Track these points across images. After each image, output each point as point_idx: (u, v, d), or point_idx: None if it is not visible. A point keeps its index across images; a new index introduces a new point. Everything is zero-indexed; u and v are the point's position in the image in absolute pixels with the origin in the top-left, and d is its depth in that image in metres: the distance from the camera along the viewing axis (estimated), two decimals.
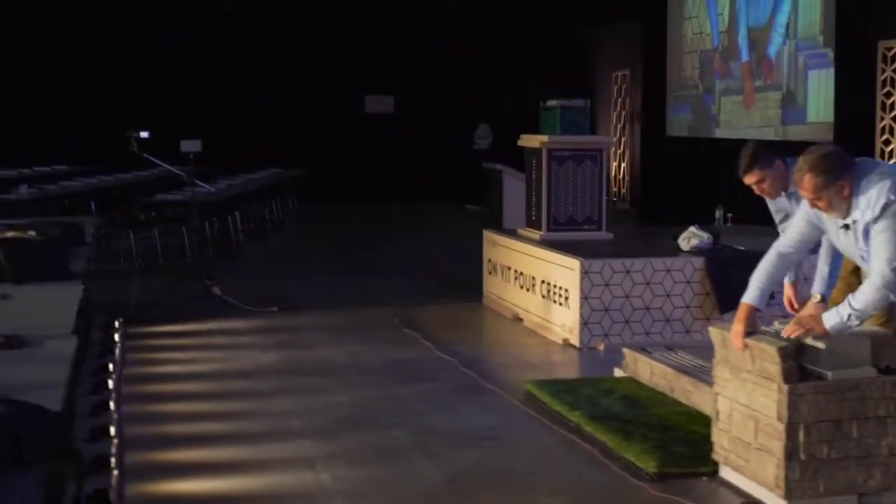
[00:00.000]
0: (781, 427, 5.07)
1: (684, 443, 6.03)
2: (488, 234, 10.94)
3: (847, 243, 5.21)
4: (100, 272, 10.27)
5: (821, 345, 5.08)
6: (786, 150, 6.07)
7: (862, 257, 5.18)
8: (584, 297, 8.72)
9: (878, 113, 12.46)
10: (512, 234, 10.54)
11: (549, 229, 9.98)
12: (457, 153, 20.94)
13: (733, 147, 15.56)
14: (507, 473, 5.88)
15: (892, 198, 4.93)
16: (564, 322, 8.99)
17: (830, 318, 5.06)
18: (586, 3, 19.67)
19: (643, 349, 7.64)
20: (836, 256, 5.75)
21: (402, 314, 10.13)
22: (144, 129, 10.41)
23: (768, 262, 5.49)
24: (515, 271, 10.04)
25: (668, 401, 6.84)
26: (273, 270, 12.91)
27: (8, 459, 3.08)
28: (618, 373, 7.65)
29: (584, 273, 8.71)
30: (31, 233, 7.92)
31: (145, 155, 10.43)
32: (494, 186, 11.61)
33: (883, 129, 12.43)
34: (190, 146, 10.22)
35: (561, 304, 9.05)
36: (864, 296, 4.99)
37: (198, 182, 11.45)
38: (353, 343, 9.00)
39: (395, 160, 21.12)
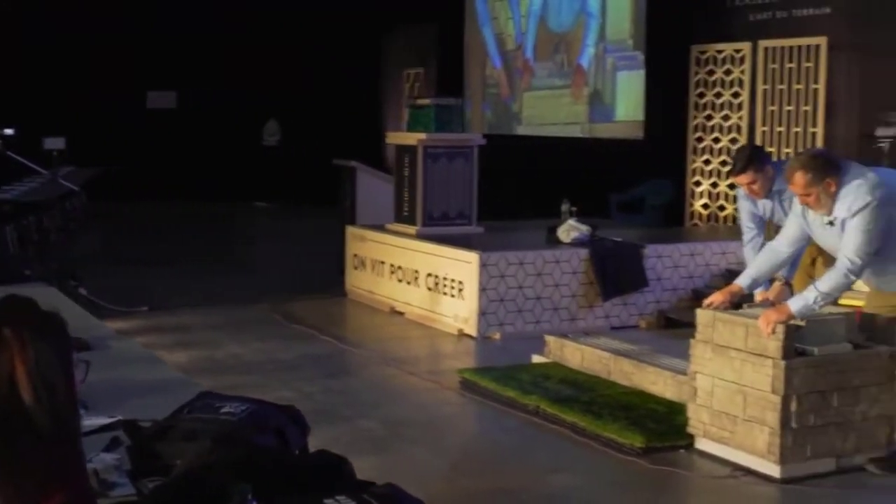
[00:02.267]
0: (777, 399, 5.60)
1: (651, 419, 6.49)
2: (353, 230, 11.13)
3: (830, 238, 5.78)
4: None
5: (802, 323, 5.65)
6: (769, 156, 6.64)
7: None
8: (482, 289, 9.09)
9: (692, 112, 13.39)
10: (380, 229, 10.78)
11: (424, 224, 10.30)
12: (244, 150, 20.83)
13: (537, 144, 16.26)
14: (499, 455, 6.19)
15: (869, 199, 5.54)
16: (458, 313, 9.32)
17: (797, 303, 5.60)
18: (379, 3, 19.99)
19: (565, 336, 8.07)
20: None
21: (278, 310, 10.22)
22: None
23: (761, 254, 6.09)
24: (392, 265, 10.29)
25: (608, 383, 7.29)
26: (110, 270, 12.60)
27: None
28: (537, 359, 8.04)
29: (483, 265, 9.08)
30: None
31: (9, 153, 10.03)
32: (347, 183, 11.77)
33: (696, 126, 13.37)
34: (53, 143, 9.91)
35: (454, 295, 9.38)
36: (830, 281, 5.58)
37: (62, 181, 11.06)
38: (254, 340, 9.04)
39: (179, 157, 20.76)
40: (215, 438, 3.12)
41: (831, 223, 5.69)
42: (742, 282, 6.05)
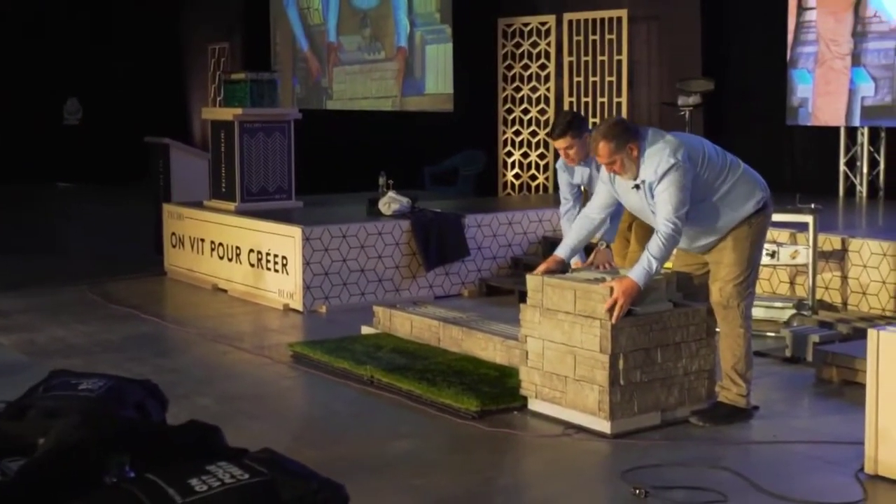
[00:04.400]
0: (605, 358, 5.86)
1: (485, 383, 6.67)
2: (170, 208, 11.00)
3: (638, 201, 6.06)
4: None
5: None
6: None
7: (653, 212, 6.03)
8: (307, 263, 9.14)
9: (501, 84, 13.68)
10: (198, 206, 10.69)
11: (243, 200, 10.27)
12: (44, 129, 20.21)
13: (350, 119, 16.32)
14: (338, 425, 6.28)
15: (673, 161, 5.83)
16: (283, 288, 9.35)
17: (639, 275, 5.84)
18: None
19: (393, 306, 8.20)
20: (616, 213, 6.56)
21: (96, 291, 10.05)
22: None
23: (576, 222, 6.33)
24: (213, 243, 10.23)
25: (439, 350, 7.44)
26: None
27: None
28: (367, 330, 8.13)
29: (306, 239, 9.13)
30: None
31: None
32: (160, 160, 11.61)
33: (505, 98, 13.67)
34: None
35: (277, 270, 9.40)
36: (658, 246, 5.85)
37: None
38: (75, 322, 8.87)
39: None
40: (82, 414, 3.14)
41: (637, 187, 5.96)
42: (561, 252, 6.28)
